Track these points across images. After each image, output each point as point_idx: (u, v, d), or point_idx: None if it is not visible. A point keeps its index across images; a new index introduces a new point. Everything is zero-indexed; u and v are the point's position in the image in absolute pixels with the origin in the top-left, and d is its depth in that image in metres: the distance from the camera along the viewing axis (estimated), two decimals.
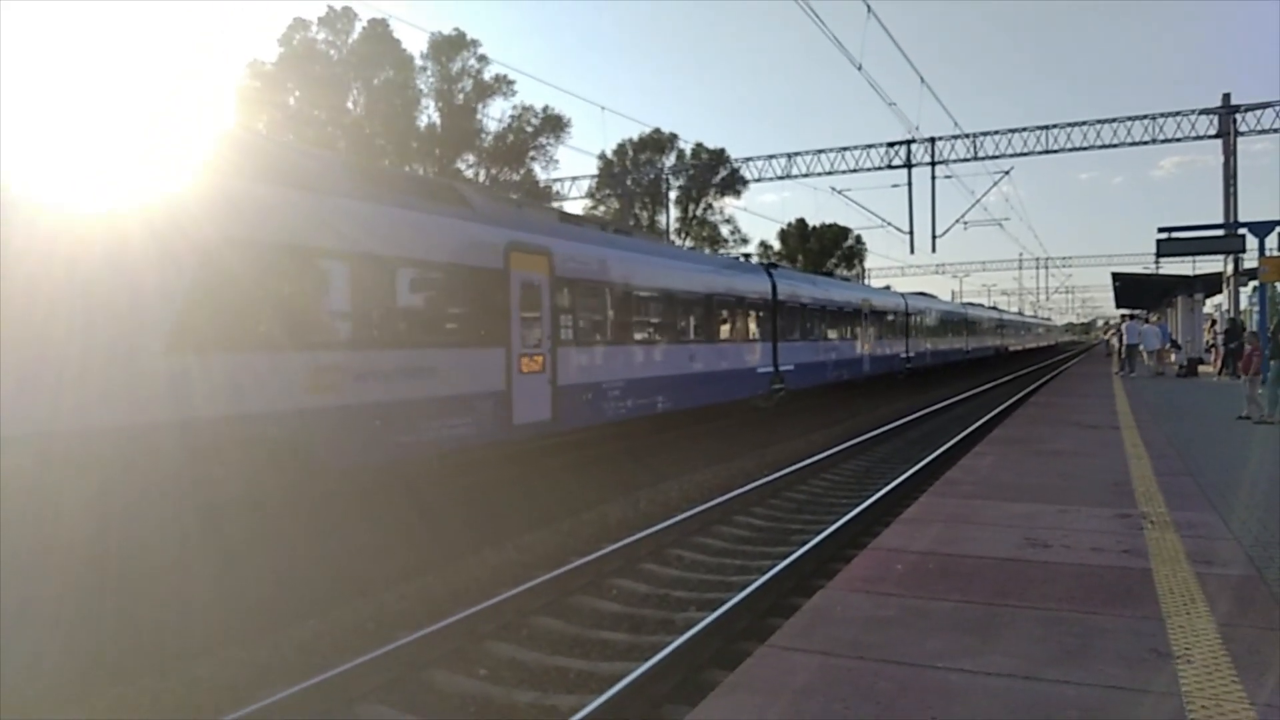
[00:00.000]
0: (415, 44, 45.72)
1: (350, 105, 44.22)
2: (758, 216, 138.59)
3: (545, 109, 49.13)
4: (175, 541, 7.91)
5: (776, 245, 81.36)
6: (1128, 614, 4.60)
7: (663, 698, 5.59)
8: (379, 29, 43.48)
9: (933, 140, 35.28)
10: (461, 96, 47.26)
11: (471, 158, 48.91)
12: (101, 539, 7.05)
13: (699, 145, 60.15)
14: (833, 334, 25.63)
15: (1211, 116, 31.87)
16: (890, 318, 32.14)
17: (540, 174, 49.75)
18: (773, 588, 7.57)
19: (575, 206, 55.68)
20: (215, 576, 7.81)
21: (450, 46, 46.48)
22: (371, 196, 9.78)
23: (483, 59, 47.14)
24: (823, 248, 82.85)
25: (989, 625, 4.47)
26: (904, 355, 33.47)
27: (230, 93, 40.78)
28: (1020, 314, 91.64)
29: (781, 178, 38.63)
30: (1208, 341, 32.40)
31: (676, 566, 9.12)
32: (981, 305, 64.30)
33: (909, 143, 35.44)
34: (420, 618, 7.24)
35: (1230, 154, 31.18)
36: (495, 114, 49.15)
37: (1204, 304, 34.38)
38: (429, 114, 47.08)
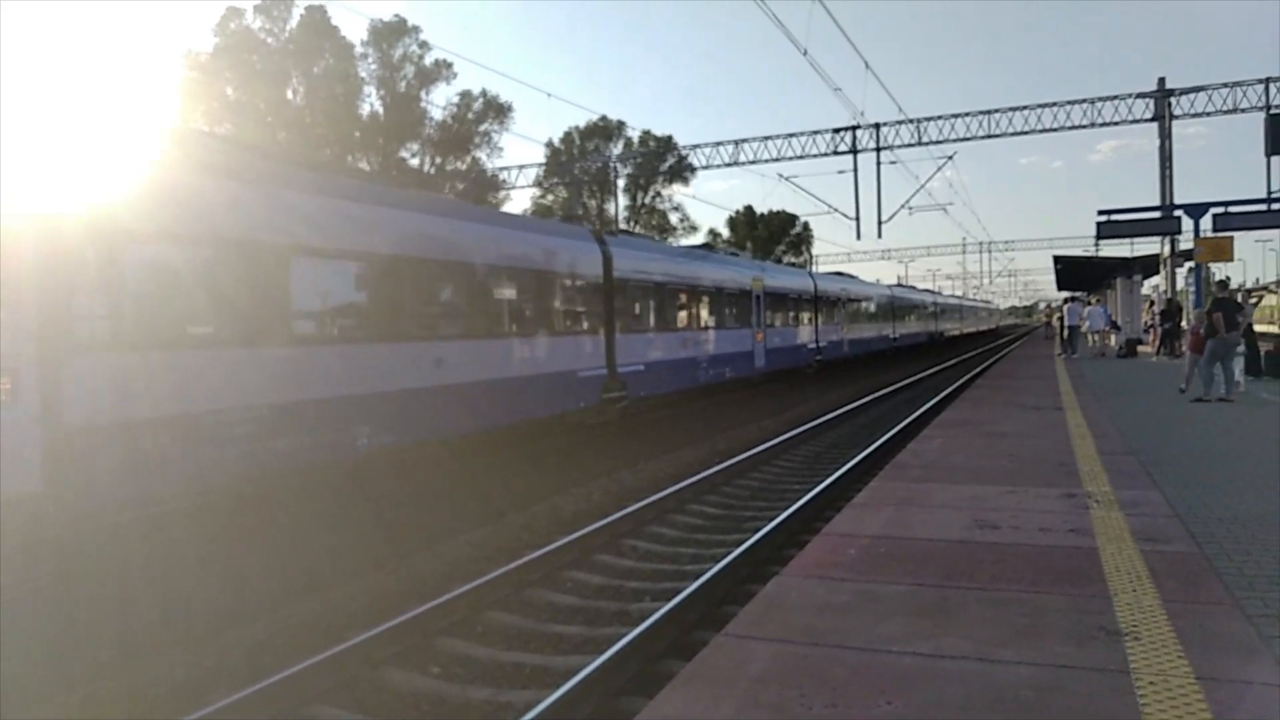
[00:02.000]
0: (355, 31, 44.79)
1: (290, 95, 43.25)
2: (707, 204, 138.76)
3: (483, 92, 48.54)
4: (119, 541, 7.72)
5: (726, 233, 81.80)
6: (1076, 593, 4.67)
7: (619, 690, 5.57)
8: (317, 16, 42.55)
9: (877, 126, 35.64)
10: (404, 84, 46.53)
11: (416, 146, 48.23)
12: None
13: (646, 133, 60.20)
14: (708, 323, 20.96)
15: (1148, 100, 32.63)
16: (794, 301, 28.08)
17: (486, 162, 49.27)
18: (727, 576, 7.59)
19: (523, 195, 55.28)
20: (160, 576, 7.63)
21: (391, 33, 45.72)
22: None
23: (424, 45, 46.46)
24: (771, 234, 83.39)
25: (942, 608, 4.51)
26: (813, 345, 29.56)
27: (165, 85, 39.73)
28: (959, 296, 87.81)
29: (729, 165, 38.78)
30: (1146, 322, 33.26)
31: (631, 557, 9.10)
32: (912, 287, 59.04)
33: (854, 129, 35.78)
34: (372, 616, 7.14)
35: (1165, 137, 31.97)
36: (439, 101, 48.49)
37: (1142, 285, 35.29)
38: (371, 102, 46.32)
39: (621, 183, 57.92)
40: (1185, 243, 27.79)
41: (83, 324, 7.25)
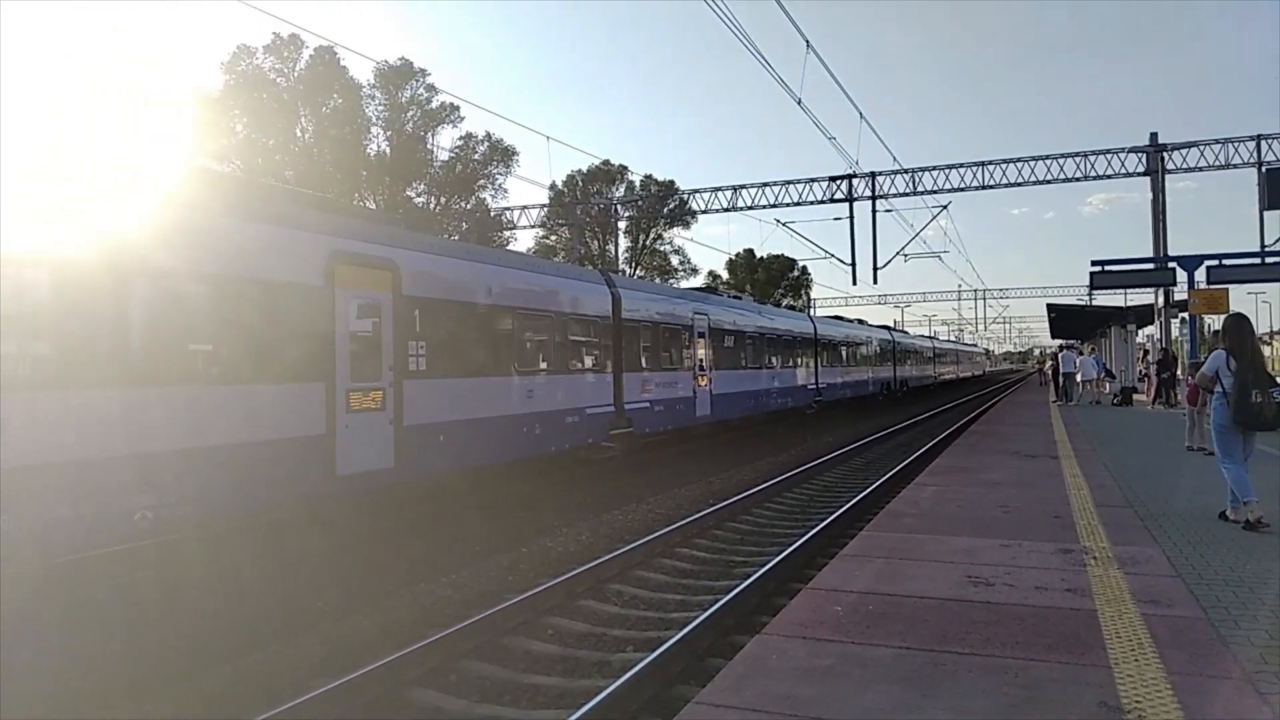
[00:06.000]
0: (363, 73, 45.25)
1: (299, 133, 43.59)
2: (706, 248, 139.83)
3: (488, 135, 48.99)
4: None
5: (725, 275, 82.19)
6: (1074, 661, 4.39)
7: None
8: (326, 56, 43.01)
9: (873, 175, 35.75)
10: (410, 125, 46.94)
11: (421, 186, 48.53)
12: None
13: (648, 177, 60.71)
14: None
15: (1140, 155, 32.81)
16: (546, 324, 14.88)
17: (491, 203, 49.56)
18: (712, 626, 7.31)
19: (527, 235, 55.60)
20: (125, 621, 7.34)
21: (398, 76, 46.20)
22: None
23: (431, 88, 46.96)
24: (770, 278, 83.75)
25: (930, 675, 4.24)
26: (603, 408, 16.56)
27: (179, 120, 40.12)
28: (931, 337, 75.02)
29: (727, 209, 38.82)
30: (1140, 371, 33.16)
31: (616, 603, 8.81)
32: (861, 322, 43.84)
33: (850, 177, 35.87)
34: (343, 662, 6.86)
35: (1159, 190, 32.10)
36: (445, 143, 48.93)
37: (1136, 334, 35.24)
38: (378, 142, 46.66)
39: (623, 225, 58.18)
40: (1179, 293, 27.73)
41: None
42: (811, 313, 49.34)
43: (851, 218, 35.85)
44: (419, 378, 11.58)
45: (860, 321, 43.82)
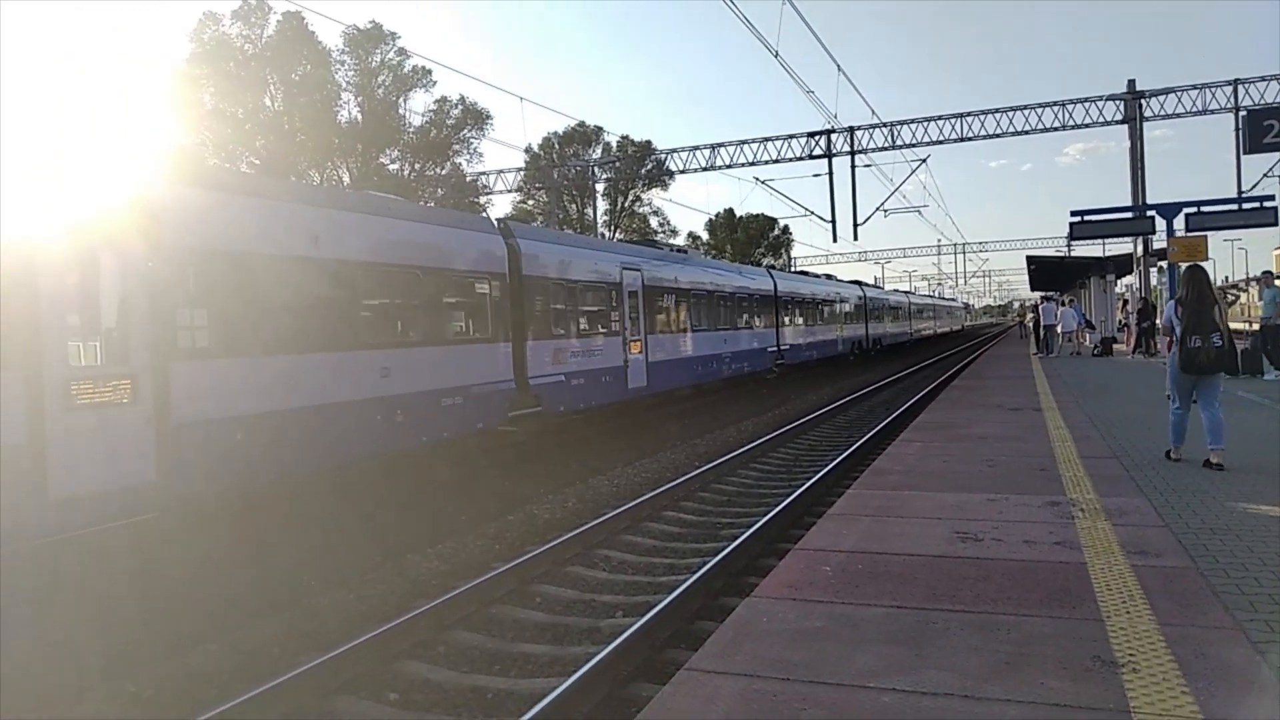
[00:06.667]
0: (332, 37, 44.04)
1: (268, 102, 42.68)
2: (685, 208, 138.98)
3: (461, 99, 48.20)
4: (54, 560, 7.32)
5: (705, 236, 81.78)
6: (1066, 615, 4.37)
7: (584, 719, 5.24)
8: (294, 22, 42.00)
9: (851, 130, 35.47)
10: (381, 91, 46.07)
11: (395, 153, 47.76)
12: None
13: (625, 138, 60.10)
14: None
15: (1118, 103, 32.67)
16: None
17: (466, 167, 48.88)
18: (701, 589, 7.29)
19: (503, 200, 55.02)
20: (101, 596, 7.25)
21: (368, 40, 45.22)
22: None
23: (402, 52, 46.01)
24: (749, 238, 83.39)
25: (922, 634, 4.20)
26: (497, 385, 13.58)
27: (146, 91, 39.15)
28: (907, 292, 69.08)
29: (706, 169, 38.44)
30: (1120, 321, 33.34)
31: (604, 568, 8.79)
32: (830, 278, 40.39)
33: (829, 132, 35.56)
34: (331, 637, 6.81)
35: (1137, 138, 32.01)
36: (418, 108, 48.06)
37: (1116, 284, 35.35)
38: (349, 109, 45.80)
39: (601, 187, 57.68)
40: (1158, 242, 27.79)
41: None
42: (792, 270, 48.15)
43: (831, 173, 35.61)
44: (199, 358, 8.79)
45: (829, 277, 40.62)
